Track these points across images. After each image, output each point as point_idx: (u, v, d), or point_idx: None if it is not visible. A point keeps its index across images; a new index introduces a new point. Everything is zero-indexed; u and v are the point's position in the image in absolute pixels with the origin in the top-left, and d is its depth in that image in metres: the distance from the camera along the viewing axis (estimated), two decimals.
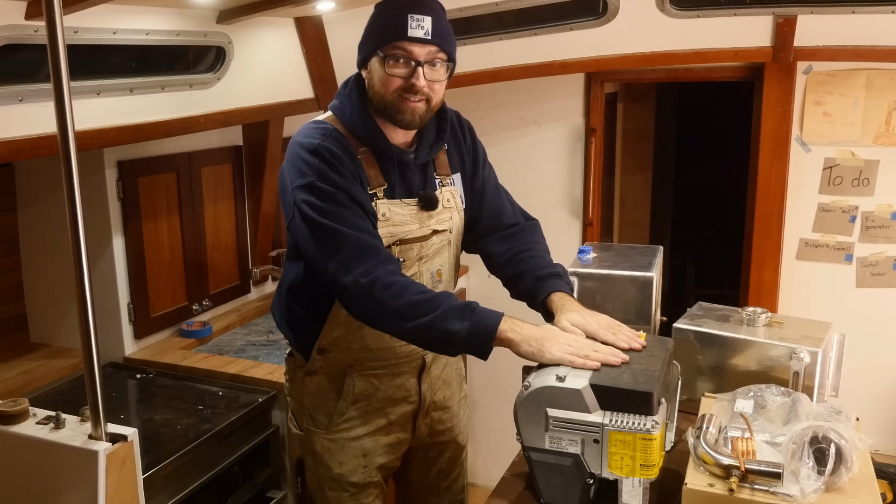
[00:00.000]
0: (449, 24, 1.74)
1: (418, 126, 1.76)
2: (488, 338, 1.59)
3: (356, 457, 1.91)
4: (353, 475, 1.92)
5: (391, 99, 1.69)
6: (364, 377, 1.87)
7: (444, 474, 2.10)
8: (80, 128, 1.84)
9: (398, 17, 1.66)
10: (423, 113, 1.72)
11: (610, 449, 1.45)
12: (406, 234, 1.78)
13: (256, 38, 2.56)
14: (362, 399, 1.88)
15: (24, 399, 1.32)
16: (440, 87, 1.74)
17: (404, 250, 1.77)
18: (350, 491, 1.94)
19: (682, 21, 2.68)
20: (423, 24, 1.65)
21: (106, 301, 2.60)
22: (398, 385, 1.90)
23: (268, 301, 3.27)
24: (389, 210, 1.76)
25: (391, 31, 1.67)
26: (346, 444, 1.91)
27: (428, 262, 1.84)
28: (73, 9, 1.76)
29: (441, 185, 1.87)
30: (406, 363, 1.88)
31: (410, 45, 1.66)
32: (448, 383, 2.01)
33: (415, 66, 1.67)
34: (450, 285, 1.93)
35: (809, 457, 1.37)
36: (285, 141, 3.08)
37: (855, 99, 2.73)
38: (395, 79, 1.68)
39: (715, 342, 1.88)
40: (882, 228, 2.79)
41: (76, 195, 1.18)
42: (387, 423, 1.92)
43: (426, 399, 1.95)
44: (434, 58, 1.69)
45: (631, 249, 2.30)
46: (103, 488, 1.21)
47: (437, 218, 1.84)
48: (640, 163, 4.60)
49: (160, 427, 2.25)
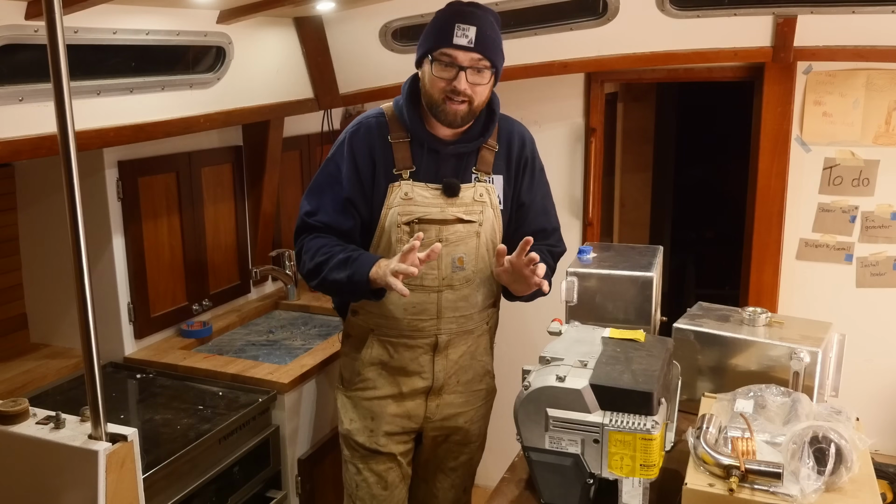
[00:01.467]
0: (497, 34, 1.92)
1: (460, 125, 1.94)
2: (364, 281, 1.86)
3: (364, 417, 2.12)
4: (359, 435, 2.13)
5: (437, 98, 1.90)
6: (381, 343, 2.07)
7: (451, 455, 2.22)
8: (80, 128, 1.86)
9: (447, 26, 1.86)
10: (464, 114, 1.91)
11: (610, 449, 1.45)
12: (425, 215, 1.97)
13: (256, 38, 2.56)
14: (378, 363, 2.08)
15: (24, 399, 1.32)
16: (482, 90, 1.92)
17: (423, 229, 1.95)
18: (360, 452, 2.14)
19: (682, 21, 2.68)
20: (468, 33, 1.84)
21: (106, 301, 2.60)
22: (412, 358, 2.06)
23: (267, 301, 3.28)
24: (412, 190, 1.97)
25: (440, 38, 1.87)
26: (358, 403, 2.13)
27: (449, 247, 1.98)
28: (73, 9, 1.76)
29: (477, 180, 2.02)
30: (418, 337, 2.04)
31: (455, 51, 1.86)
32: (465, 370, 2.11)
33: (458, 70, 1.86)
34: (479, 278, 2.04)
35: (809, 457, 1.37)
36: (285, 141, 3.10)
37: (855, 99, 2.73)
38: (440, 80, 1.89)
39: (715, 342, 1.88)
40: (882, 228, 2.79)
41: (76, 195, 1.18)
42: (398, 392, 2.09)
43: (439, 379, 2.07)
44: (477, 64, 1.88)
45: (631, 249, 2.30)
46: (103, 488, 1.21)
47: (465, 208, 1.99)
48: (640, 163, 4.60)
49: (160, 427, 2.25)
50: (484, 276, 2.06)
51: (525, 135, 2.12)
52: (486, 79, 1.91)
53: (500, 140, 2.06)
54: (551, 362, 1.57)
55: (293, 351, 2.82)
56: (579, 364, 1.54)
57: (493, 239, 2.04)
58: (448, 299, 2.02)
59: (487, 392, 2.21)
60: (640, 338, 1.68)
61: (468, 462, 2.25)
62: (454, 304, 2.03)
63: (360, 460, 2.15)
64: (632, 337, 1.69)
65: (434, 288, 2.00)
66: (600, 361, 1.56)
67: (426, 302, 2.01)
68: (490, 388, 2.22)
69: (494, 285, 2.09)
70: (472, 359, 2.12)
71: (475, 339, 2.12)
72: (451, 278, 2.00)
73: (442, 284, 2.00)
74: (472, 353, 2.12)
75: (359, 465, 2.16)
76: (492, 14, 1.94)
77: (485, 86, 1.92)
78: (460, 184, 1.99)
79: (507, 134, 2.07)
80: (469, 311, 2.06)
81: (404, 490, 2.20)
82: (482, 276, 2.05)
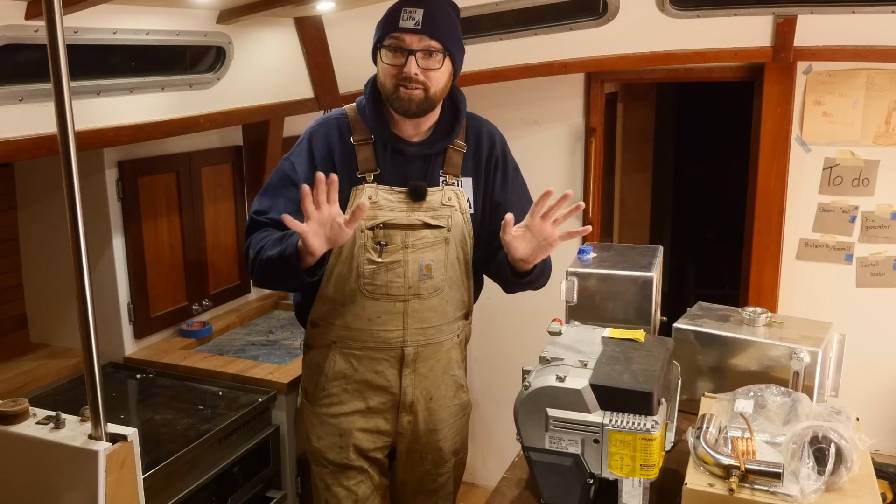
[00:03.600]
0: (450, 18, 1.84)
1: (416, 114, 1.84)
2: (293, 254, 1.70)
3: (332, 434, 2.00)
4: (329, 452, 2.01)
5: (390, 87, 1.82)
6: (344, 356, 1.95)
7: (430, 476, 2.10)
8: (80, 128, 1.85)
9: (394, 11, 1.81)
10: (420, 100, 1.81)
11: (610, 449, 1.45)
12: (390, 219, 1.87)
13: (256, 38, 2.56)
14: (341, 378, 1.97)
15: (24, 399, 1.32)
16: (437, 76, 1.83)
17: (388, 234, 1.86)
18: (329, 468, 2.03)
19: (682, 21, 2.68)
20: (415, 15, 1.77)
21: (106, 301, 2.60)
22: (377, 371, 1.95)
23: (267, 301, 3.28)
24: (376, 194, 1.87)
25: (387, 25, 1.81)
26: (324, 420, 2.01)
27: (416, 254, 1.89)
28: (73, 9, 1.76)
29: (445, 183, 1.92)
30: (383, 350, 1.94)
31: (401, 34, 1.78)
32: (437, 385, 2.01)
33: (407, 55, 1.78)
34: (448, 286, 1.94)
35: (809, 457, 1.37)
36: (285, 141, 3.10)
37: (855, 99, 2.73)
38: (390, 68, 1.81)
39: (715, 342, 1.88)
40: (882, 228, 2.79)
41: (76, 195, 1.18)
42: (365, 407, 1.98)
43: (408, 394, 1.97)
44: (427, 47, 1.79)
45: (631, 249, 2.30)
46: (103, 488, 1.21)
47: (433, 213, 1.89)
48: (640, 163, 4.60)
49: (160, 427, 2.25)
50: (454, 286, 1.95)
51: (494, 133, 2.02)
52: (438, 63, 1.81)
53: (469, 140, 1.96)
54: (551, 362, 1.57)
55: (293, 351, 2.82)
56: (579, 364, 1.54)
57: (463, 245, 1.94)
58: (414, 309, 1.90)
59: (461, 407, 2.09)
60: (640, 338, 1.68)
61: (448, 482, 2.13)
62: (421, 314, 1.91)
63: (329, 476, 2.03)
64: (632, 337, 1.68)
65: (399, 297, 1.88)
66: (600, 361, 1.56)
67: (391, 311, 1.89)
68: (464, 403, 2.10)
69: (466, 295, 1.99)
70: (443, 373, 2.00)
71: (445, 353, 2.00)
72: (417, 286, 1.89)
73: (408, 293, 1.89)
74: (444, 366, 2.00)
75: (328, 481, 2.03)
76: (446, 1, 1.86)
77: (438, 71, 1.81)
78: (427, 187, 1.89)
79: (476, 133, 1.98)
80: (437, 323, 1.94)
81: (377, 499, 2.08)
82: (452, 286, 1.94)
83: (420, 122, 1.89)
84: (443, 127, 1.93)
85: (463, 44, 1.90)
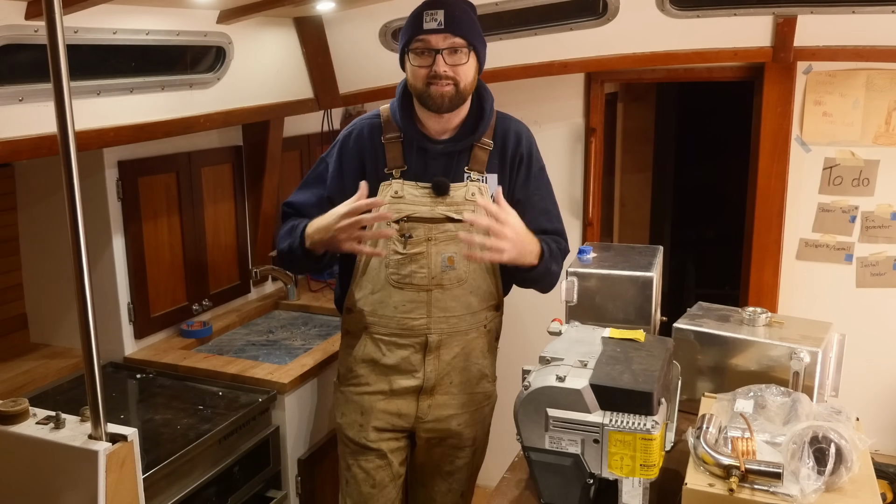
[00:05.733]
0: (468, 16, 1.94)
1: (449, 109, 1.95)
2: (302, 244, 1.95)
3: (354, 412, 2.14)
4: (350, 429, 2.15)
5: (421, 87, 1.93)
6: (374, 341, 2.08)
7: (448, 458, 2.20)
8: (80, 128, 1.86)
9: (416, 16, 1.91)
10: (451, 95, 1.92)
11: (610, 449, 1.45)
12: (414, 213, 1.98)
13: (256, 38, 2.56)
14: (369, 360, 2.10)
15: (24, 399, 1.32)
16: (465, 70, 1.93)
17: (412, 227, 1.98)
18: (350, 447, 2.16)
19: (682, 21, 2.68)
20: (437, 16, 1.87)
21: (106, 301, 2.60)
22: (403, 357, 2.06)
23: (267, 301, 3.28)
24: (402, 188, 2.00)
25: (412, 29, 1.92)
26: (350, 397, 2.15)
27: (438, 246, 1.99)
28: (73, 9, 1.76)
29: (469, 179, 2.02)
30: (408, 336, 2.04)
31: (426, 36, 1.89)
32: (459, 372, 2.10)
33: (434, 55, 1.89)
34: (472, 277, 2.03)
35: (809, 457, 1.37)
36: (285, 141, 3.10)
37: (855, 99, 2.73)
38: (420, 69, 1.92)
39: (715, 342, 1.88)
40: (882, 228, 2.79)
41: (76, 195, 1.18)
42: (389, 390, 2.09)
43: (430, 379, 2.06)
44: (452, 45, 1.89)
45: (631, 249, 2.30)
46: (103, 488, 1.21)
47: (456, 207, 1.99)
48: (640, 163, 4.60)
49: (160, 427, 2.25)
50: (478, 278, 2.04)
51: (522, 131, 2.10)
52: (465, 58, 1.91)
53: (496, 138, 2.06)
54: (551, 362, 1.57)
55: (293, 351, 2.82)
56: (579, 364, 1.54)
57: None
58: (437, 298, 2.02)
59: (484, 396, 2.17)
60: (640, 338, 1.68)
61: (465, 467, 2.22)
62: (444, 303, 2.02)
63: (350, 455, 2.17)
64: (632, 337, 1.68)
65: (423, 286, 2.00)
66: (600, 361, 1.56)
67: (416, 300, 2.01)
68: (487, 392, 2.18)
69: (493, 287, 2.08)
70: (466, 360, 2.09)
71: (470, 341, 2.09)
72: (440, 277, 2.00)
73: (431, 283, 2.00)
74: (467, 354, 2.09)
75: (349, 461, 2.16)
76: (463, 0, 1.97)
77: (465, 65, 1.92)
78: (451, 183, 1.99)
79: (504, 131, 2.07)
80: (461, 312, 2.04)
81: (394, 491, 2.18)
82: (476, 278, 2.04)
83: (447, 120, 2.00)
84: (469, 125, 2.03)
85: (484, 38, 2.00)
